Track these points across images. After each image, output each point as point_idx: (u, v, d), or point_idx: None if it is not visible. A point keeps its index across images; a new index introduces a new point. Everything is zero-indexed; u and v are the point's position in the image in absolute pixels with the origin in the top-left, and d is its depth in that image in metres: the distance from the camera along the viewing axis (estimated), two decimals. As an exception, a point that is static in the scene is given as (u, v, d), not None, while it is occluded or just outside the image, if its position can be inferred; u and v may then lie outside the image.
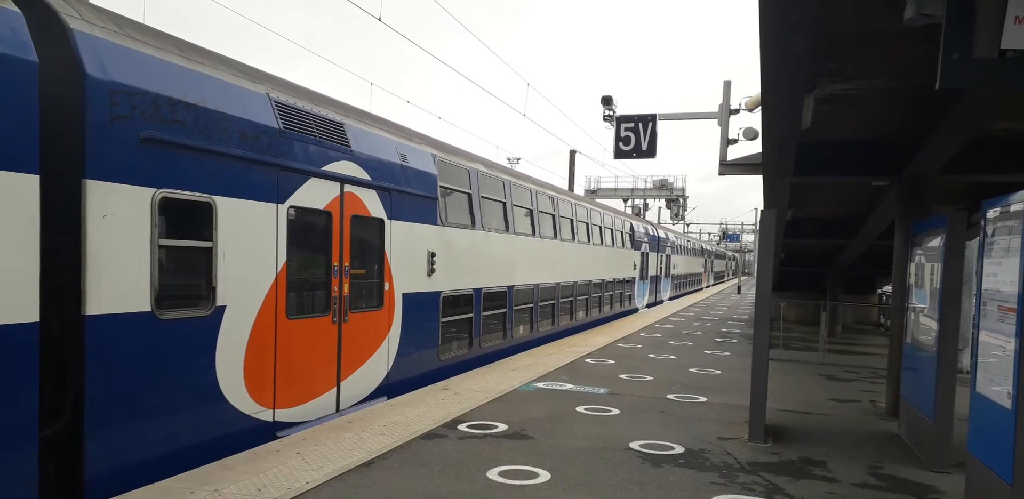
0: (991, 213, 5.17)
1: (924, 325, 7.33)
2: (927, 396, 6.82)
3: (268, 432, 7.07)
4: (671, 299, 35.25)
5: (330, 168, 7.96)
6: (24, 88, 4.70)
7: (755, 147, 12.26)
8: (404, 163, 9.65)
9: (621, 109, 17.84)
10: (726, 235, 78.19)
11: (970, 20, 4.17)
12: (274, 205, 7.10)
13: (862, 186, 11.76)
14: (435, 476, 5.80)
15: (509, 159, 43.72)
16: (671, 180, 56.97)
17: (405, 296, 9.72)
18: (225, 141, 6.46)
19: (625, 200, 55.76)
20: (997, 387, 4.82)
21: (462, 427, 7.45)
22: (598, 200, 36.63)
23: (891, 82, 7.34)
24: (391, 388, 9.38)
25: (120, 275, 5.47)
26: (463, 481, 5.70)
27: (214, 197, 6.33)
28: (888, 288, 19.29)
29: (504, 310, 13.65)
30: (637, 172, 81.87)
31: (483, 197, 12.57)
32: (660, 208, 59.77)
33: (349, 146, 8.35)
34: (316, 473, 5.73)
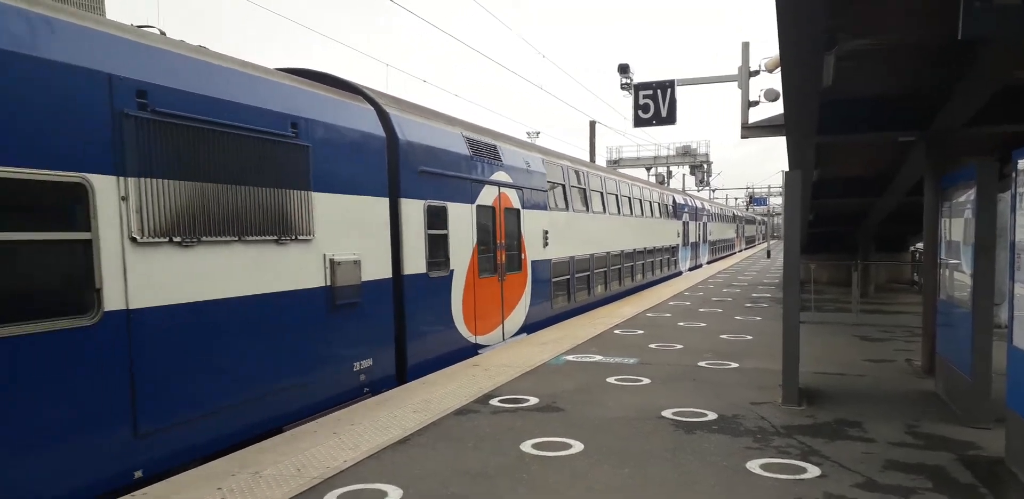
0: (1022, 163, 5.02)
1: (958, 281, 7.20)
2: (964, 352, 6.71)
3: (474, 350, 10.83)
4: (709, 263, 37.42)
5: (493, 177, 11.63)
6: (382, 152, 8.50)
7: (777, 108, 12.05)
8: (528, 167, 13.27)
9: (639, 77, 17.61)
10: (753, 199, 77.22)
11: (991, -36, 4.01)
12: (470, 205, 10.77)
13: (888, 142, 11.50)
14: (470, 450, 5.87)
15: (529, 133, 43.44)
16: (694, 146, 56.20)
17: (532, 262, 13.41)
18: (448, 167, 10.06)
19: (648, 169, 55.19)
20: (1034, 341, 4.72)
21: (494, 402, 7.51)
22: (621, 170, 36.60)
23: (912, 35, 7.11)
24: (528, 328, 13.14)
25: (412, 251, 9.11)
26: (497, 454, 5.76)
27: (447, 203, 9.98)
28: (921, 245, 18.95)
29: (587, 272, 16.96)
30: (659, 140, 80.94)
31: (571, 186, 15.92)
32: (684, 175, 59.12)
33: (501, 161, 12.03)
34: (353, 451, 5.83)
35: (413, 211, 9.10)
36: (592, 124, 37.12)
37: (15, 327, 4.43)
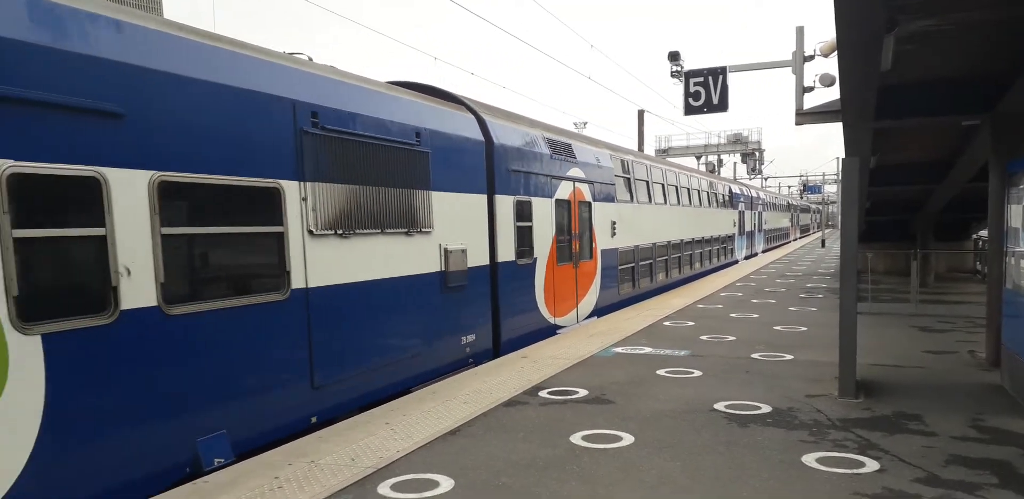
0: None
1: (1025, 270, 6.92)
2: (1031, 345, 6.46)
3: (553, 330, 12.04)
4: (764, 252, 37.28)
5: (569, 173, 12.77)
6: (481, 155, 9.74)
7: (833, 94, 11.73)
8: (597, 163, 14.31)
9: (689, 64, 17.31)
10: (807, 187, 75.42)
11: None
12: (549, 200, 11.96)
13: (950, 127, 11.09)
14: (519, 441, 5.89)
15: (576, 124, 43.17)
16: (745, 134, 55.12)
17: (602, 251, 14.43)
18: (532, 166, 11.29)
19: (698, 157, 54.34)
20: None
21: (543, 394, 7.52)
22: (670, 159, 36.33)
23: (981, 14, 6.82)
24: (599, 311, 14.18)
25: (504, 242, 10.32)
26: (547, 446, 5.77)
27: (531, 198, 11.20)
28: (984, 233, 18.28)
29: (651, 260, 17.85)
30: (709, 128, 79.69)
31: (636, 178, 16.78)
32: (735, 163, 58.03)
33: (575, 158, 13.14)
34: (405, 442, 5.91)
35: (505, 206, 10.34)
36: (640, 113, 36.71)
37: (242, 298, 5.82)
